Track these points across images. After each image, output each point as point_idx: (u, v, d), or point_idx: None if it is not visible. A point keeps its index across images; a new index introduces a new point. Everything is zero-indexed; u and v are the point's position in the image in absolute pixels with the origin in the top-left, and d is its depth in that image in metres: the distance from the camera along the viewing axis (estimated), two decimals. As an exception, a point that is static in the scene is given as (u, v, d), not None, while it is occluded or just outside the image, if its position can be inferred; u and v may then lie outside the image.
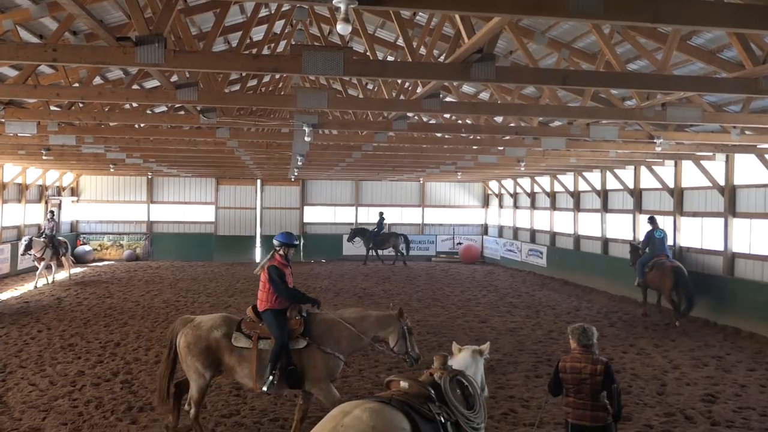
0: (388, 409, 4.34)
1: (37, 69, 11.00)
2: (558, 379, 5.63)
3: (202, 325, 7.52)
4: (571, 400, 5.53)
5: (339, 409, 4.42)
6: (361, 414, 4.21)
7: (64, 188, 27.92)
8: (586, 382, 5.41)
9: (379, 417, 4.23)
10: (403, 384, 4.89)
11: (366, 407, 4.29)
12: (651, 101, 10.01)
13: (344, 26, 4.49)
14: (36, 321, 14.40)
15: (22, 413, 8.32)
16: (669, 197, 18.41)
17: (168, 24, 6.43)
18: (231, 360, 7.37)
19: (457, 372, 5.13)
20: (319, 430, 4.25)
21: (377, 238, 27.72)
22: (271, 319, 7.42)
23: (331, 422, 4.22)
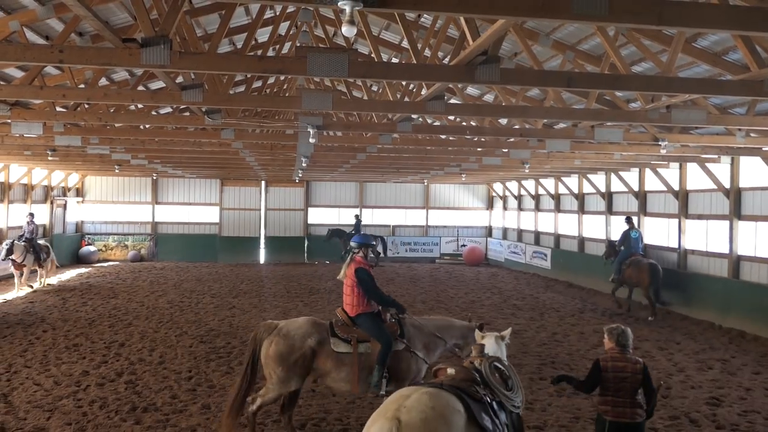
0: (443, 392, 4.73)
1: (43, 70, 11.05)
2: (596, 377, 5.76)
3: (293, 333, 7.27)
4: (611, 398, 5.70)
5: (398, 393, 4.77)
6: (420, 397, 4.58)
7: (69, 189, 28.02)
8: (626, 381, 5.63)
9: (437, 399, 4.61)
10: (450, 371, 5.33)
11: (424, 391, 4.69)
12: (656, 103, 10.01)
13: (349, 28, 4.51)
14: (41, 321, 14.45)
15: (26, 413, 8.34)
16: (674, 200, 18.37)
17: (174, 25, 6.46)
18: (327, 365, 7.26)
19: (494, 358, 5.56)
20: (382, 411, 4.56)
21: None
22: (369, 322, 7.42)
23: (393, 404, 4.55)
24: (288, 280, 23.01)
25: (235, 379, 7.48)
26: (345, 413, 8.57)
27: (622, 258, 17.11)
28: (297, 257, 29.92)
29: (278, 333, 7.29)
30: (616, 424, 5.65)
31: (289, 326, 7.37)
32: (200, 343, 12.56)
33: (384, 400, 4.80)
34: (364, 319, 7.42)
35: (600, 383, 5.75)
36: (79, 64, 6.85)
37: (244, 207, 30.36)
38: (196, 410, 8.58)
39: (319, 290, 20.35)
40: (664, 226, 19.13)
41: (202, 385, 9.71)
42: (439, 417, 4.48)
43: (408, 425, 4.37)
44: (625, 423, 5.63)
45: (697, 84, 8.89)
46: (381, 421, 4.46)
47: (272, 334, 7.29)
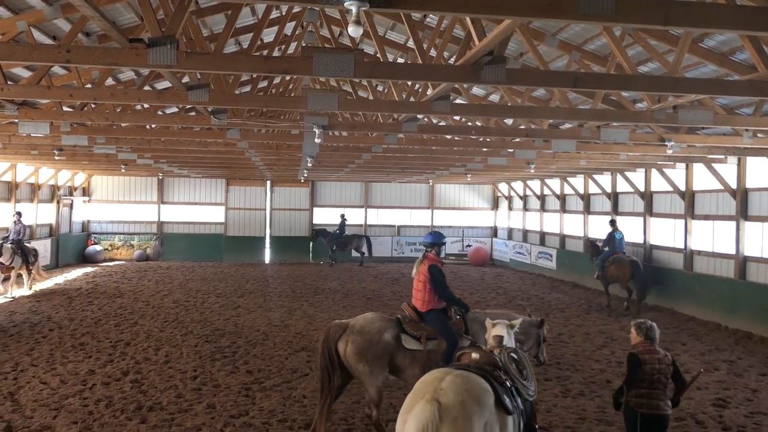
0: (473, 375, 5.07)
1: (51, 70, 11.10)
2: (637, 371, 5.84)
3: (368, 329, 7.39)
4: (646, 391, 5.83)
5: (432, 375, 5.07)
6: (454, 379, 4.89)
7: (75, 188, 28.11)
8: (661, 374, 5.84)
9: (469, 381, 4.95)
10: (474, 355, 5.65)
11: (456, 374, 5.01)
12: (662, 104, 9.97)
13: (355, 28, 4.51)
14: (47, 320, 14.51)
15: (33, 411, 8.38)
16: (680, 200, 18.30)
17: (180, 26, 6.47)
18: (402, 361, 7.42)
19: (511, 349, 5.91)
20: (420, 393, 4.83)
21: (340, 240, 27.87)
22: (438, 319, 7.56)
23: (430, 387, 4.84)
24: (293, 279, 23.03)
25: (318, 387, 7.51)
26: (350, 413, 8.58)
27: (606, 256, 18.34)
28: (302, 257, 29.94)
29: (352, 331, 7.38)
30: (649, 416, 5.79)
31: (361, 323, 7.49)
32: (205, 342, 12.59)
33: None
34: (434, 315, 7.59)
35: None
36: (86, 64, 6.87)
37: (250, 207, 30.40)
38: (201, 409, 8.60)
39: (324, 290, 20.37)
40: (671, 227, 19.06)
41: (207, 385, 9.74)
42: (474, 398, 4.80)
43: (447, 406, 4.64)
44: (657, 415, 5.81)
45: (704, 84, 8.85)
46: (421, 403, 4.69)
47: (345, 334, 7.38)
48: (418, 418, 4.63)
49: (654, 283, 18.06)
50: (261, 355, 11.62)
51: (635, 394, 5.88)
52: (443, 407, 4.65)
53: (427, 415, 4.60)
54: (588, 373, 10.75)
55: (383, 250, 30.50)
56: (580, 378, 10.43)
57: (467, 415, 4.67)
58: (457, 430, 4.60)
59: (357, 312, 16.23)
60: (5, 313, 15.28)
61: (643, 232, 20.14)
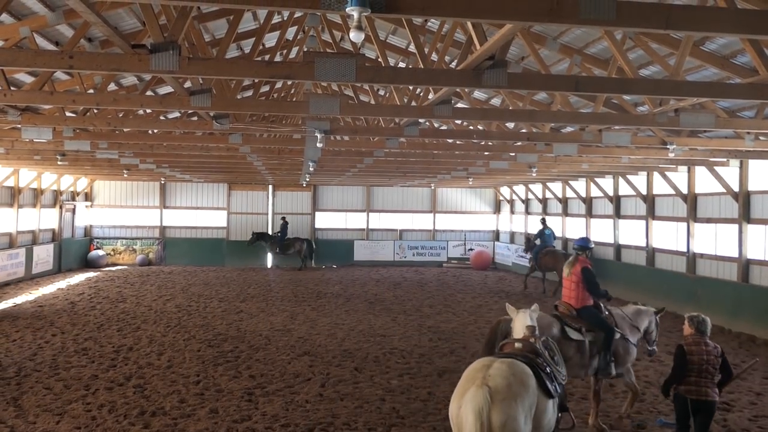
0: (516, 362, 5.60)
1: (53, 75, 11.13)
2: (684, 362, 6.36)
3: (538, 323, 7.72)
4: (694, 379, 6.36)
5: (480, 363, 5.59)
6: (500, 366, 5.45)
7: (78, 193, 28.16)
8: (709, 364, 6.35)
9: (514, 367, 5.49)
10: (517, 345, 6.22)
11: (501, 361, 5.55)
12: (664, 107, 9.98)
13: (357, 34, 4.52)
14: (50, 325, 14.52)
15: (36, 417, 8.38)
16: (682, 203, 18.29)
17: (182, 31, 6.49)
18: (568, 351, 7.98)
19: (545, 338, 6.49)
20: (470, 380, 5.38)
21: (282, 243, 27.81)
22: (592, 315, 8.33)
23: (479, 374, 5.40)
24: (295, 284, 23.04)
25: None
26: (353, 417, 8.57)
27: (539, 249, 21.78)
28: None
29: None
30: (697, 402, 6.33)
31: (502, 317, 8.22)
32: (208, 347, 12.59)
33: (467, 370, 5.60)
34: (588, 311, 8.35)
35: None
36: (89, 69, 6.91)
37: (252, 211, 30.42)
38: (204, 414, 8.60)
39: (326, 294, 20.36)
40: (673, 230, 19.04)
41: (210, 389, 9.73)
42: (519, 382, 5.37)
43: (497, 390, 5.20)
44: (704, 401, 6.35)
45: (706, 87, 8.86)
46: (473, 388, 5.25)
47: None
48: (472, 402, 5.17)
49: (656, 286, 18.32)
50: (263, 360, 11.62)
51: (684, 382, 6.39)
52: (493, 390, 5.19)
53: (480, 398, 5.14)
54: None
55: (385, 254, 30.49)
56: (583, 381, 10.39)
57: (514, 396, 5.23)
58: (506, 410, 5.16)
59: (359, 316, 16.25)
60: (8, 318, 15.30)
61: (646, 235, 20.11)
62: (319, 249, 30.17)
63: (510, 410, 5.17)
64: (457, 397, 5.38)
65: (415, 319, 16.00)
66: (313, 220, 30.77)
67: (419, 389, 9.95)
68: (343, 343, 13.19)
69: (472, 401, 5.17)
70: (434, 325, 15.24)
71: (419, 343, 13.26)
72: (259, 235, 28.22)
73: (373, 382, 10.34)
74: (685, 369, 6.36)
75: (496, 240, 31.78)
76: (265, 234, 28.40)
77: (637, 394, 8.79)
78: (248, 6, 7.49)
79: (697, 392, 6.34)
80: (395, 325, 15.16)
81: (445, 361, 11.76)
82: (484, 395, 5.15)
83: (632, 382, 8.66)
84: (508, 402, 5.19)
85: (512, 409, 5.19)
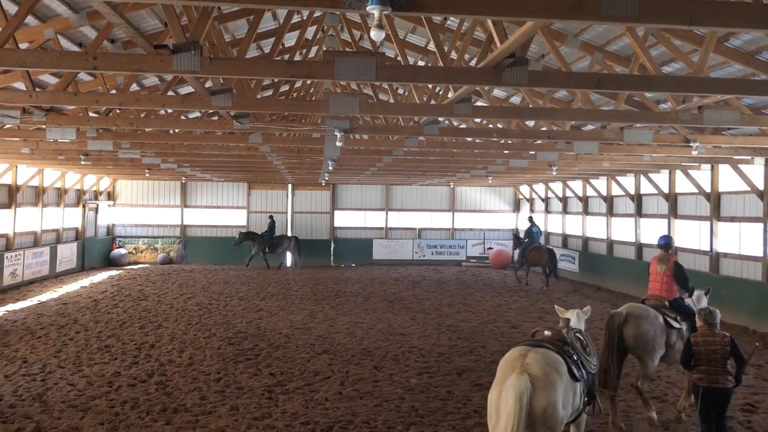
0: (549, 351, 6.04)
1: (77, 76, 11.28)
2: (689, 352, 6.95)
3: (645, 314, 8.63)
4: (704, 368, 6.81)
5: (516, 353, 6.00)
6: (535, 355, 5.90)
7: (101, 192, 28.53)
8: (717, 353, 6.76)
9: (547, 356, 5.95)
10: (546, 333, 6.58)
11: (535, 350, 5.99)
12: (687, 104, 9.85)
13: (378, 33, 4.53)
14: (74, 322, 14.74)
15: (61, 412, 8.52)
16: (705, 202, 18.04)
17: (204, 31, 6.55)
18: (671, 339, 8.68)
19: (576, 330, 6.79)
20: (510, 367, 5.80)
21: (271, 242, 27.62)
22: (683, 305, 9.06)
23: (517, 362, 5.82)
24: (314, 282, 23.12)
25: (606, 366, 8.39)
26: (372, 416, 8.59)
27: (526, 246, 23.78)
28: (323, 260, 30.04)
29: (632, 317, 8.59)
30: (710, 389, 6.72)
31: (638, 311, 8.67)
32: (228, 345, 12.69)
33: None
34: (679, 302, 9.08)
35: (693, 356, 6.88)
36: (112, 70, 7.00)
37: (271, 210, 30.59)
38: (225, 411, 8.67)
39: (346, 293, 20.41)
40: (696, 229, 18.79)
41: (231, 387, 9.81)
42: (554, 369, 5.85)
43: (536, 377, 5.67)
44: (717, 388, 6.70)
45: (730, 84, 8.74)
46: (513, 375, 5.68)
47: (629, 321, 8.55)
48: (513, 387, 5.56)
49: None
50: (283, 358, 11.68)
51: (697, 371, 6.88)
52: (533, 377, 5.65)
53: (521, 384, 5.55)
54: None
55: (404, 253, 30.48)
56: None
57: (552, 382, 5.73)
58: (547, 396, 5.64)
59: (379, 315, 16.27)
60: (33, 315, 15.56)
61: (668, 234, 19.86)
62: (338, 248, 30.24)
63: (550, 397, 5.66)
64: (498, 383, 5.78)
65: (434, 317, 15.99)
66: (332, 219, 30.85)
67: (438, 388, 9.94)
68: (363, 341, 13.22)
69: (513, 386, 5.56)
70: (453, 324, 15.21)
71: (438, 342, 13.24)
72: (247, 234, 27.83)
73: (392, 380, 10.35)
74: (690, 357, 6.95)
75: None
76: (253, 233, 28.04)
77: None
78: (269, 6, 7.53)
79: (708, 380, 6.75)
80: (414, 324, 15.16)
81: (464, 360, 11.73)
82: (525, 381, 5.57)
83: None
84: (548, 389, 5.67)
85: (552, 396, 5.68)
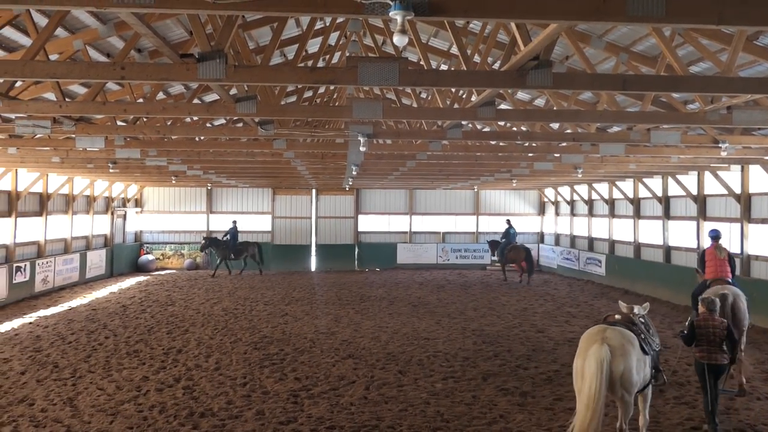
0: (623, 328, 7.29)
1: (105, 86, 11.48)
2: (692, 333, 8.17)
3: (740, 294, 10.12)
4: (705, 347, 8.10)
5: (595, 329, 7.29)
6: (612, 330, 7.15)
7: (128, 200, 28.98)
8: (715, 335, 8.05)
9: (623, 332, 7.19)
10: (617, 316, 7.78)
11: (613, 328, 7.24)
12: (715, 104, 9.68)
13: (401, 38, 4.53)
14: (103, 327, 14.97)
15: (91, 417, 8.65)
16: (735, 203, 17.70)
17: (229, 40, 6.62)
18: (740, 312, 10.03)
19: (641, 315, 7.88)
20: (592, 339, 7.03)
21: (235, 248, 26.99)
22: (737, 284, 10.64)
23: (598, 336, 7.05)
24: (339, 287, 23.17)
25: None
26: (397, 420, 8.57)
27: (504, 246, 25.78)
28: (347, 265, 30.11)
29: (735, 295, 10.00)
30: (710, 365, 8.05)
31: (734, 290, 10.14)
32: (254, 349, 12.78)
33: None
34: (736, 282, 10.83)
35: (696, 337, 8.14)
36: (140, 79, 7.11)
37: (296, 215, 30.76)
38: (251, 416, 8.72)
39: (370, 297, 20.42)
40: (726, 231, 18.43)
41: (257, 392, 9.87)
42: (629, 341, 7.05)
43: (614, 347, 6.89)
44: (715, 364, 8.06)
45: (760, 84, 8.55)
46: (596, 344, 6.89)
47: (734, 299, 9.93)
48: (595, 354, 6.78)
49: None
50: (308, 363, 11.72)
51: (698, 350, 8.14)
52: (612, 347, 6.85)
53: (603, 352, 6.77)
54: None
55: (428, 257, 30.40)
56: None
57: (627, 351, 6.92)
58: (624, 360, 6.85)
59: (403, 319, 16.24)
60: (64, 321, 15.83)
61: (697, 236, 19.53)
62: (362, 252, 30.27)
63: (627, 363, 6.86)
64: (581, 353, 7.02)
65: (459, 322, 15.91)
66: (356, 224, 30.91)
67: (464, 393, 9.88)
68: (387, 346, 13.21)
69: (595, 354, 6.76)
70: (478, 328, 15.12)
71: (463, 347, 13.17)
72: (211, 240, 27.34)
73: (417, 385, 10.32)
74: (693, 336, 8.17)
75: (541, 242, 31.36)
76: (217, 239, 27.51)
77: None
78: (293, 13, 7.58)
79: (708, 357, 8.07)
80: (439, 328, 15.10)
81: (490, 365, 11.65)
82: (605, 350, 6.79)
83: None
84: (625, 357, 6.86)
85: (628, 362, 6.88)
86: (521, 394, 9.84)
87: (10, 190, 19.53)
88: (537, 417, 8.77)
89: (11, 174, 19.37)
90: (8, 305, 18.24)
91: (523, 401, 9.49)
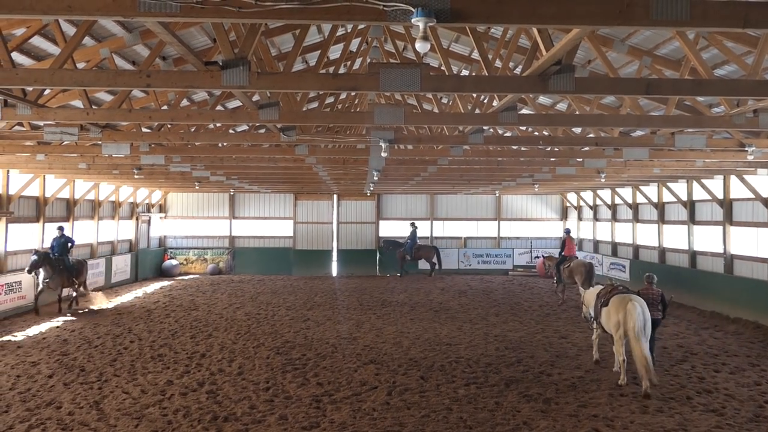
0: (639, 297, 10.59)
1: (130, 93, 11.67)
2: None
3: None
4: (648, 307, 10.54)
5: (620, 298, 10.55)
6: (635, 296, 10.57)
7: (153, 205, 29.36)
8: (653, 299, 11.10)
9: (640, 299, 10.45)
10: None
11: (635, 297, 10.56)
12: (741, 108, 9.55)
13: (423, 44, 4.54)
14: (128, 332, 15.16)
15: (116, 420, 8.77)
16: (763, 208, 17.40)
17: (252, 47, 6.69)
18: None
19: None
20: (624, 301, 10.39)
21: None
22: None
23: (628, 298, 10.46)
24: (360, 292, 23.21)
25: None
26: (420, 426, 8.56)
27: (411, 245, 28.14)
28: (369, 270, 30.14)
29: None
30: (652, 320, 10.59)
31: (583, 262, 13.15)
32: (277, 354, 12.85)
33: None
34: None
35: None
36: (165, 87, 7.20)
37: (317, 221, 30.89)
38: (273, 421, 8.77)
39: (392, 303, 20.42)
40: (753, 236, 18.14)
41: (279, 396, 9.93)
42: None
43: (641, 302, 10.29)
44: (654, 318, 10.72)
45: (787, 86, 8.42)
46: (628, 303, 10.25)
47: None
48: (634, 303, 10.20)
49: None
50: (330, 368, 11.76)
51: None
52: (638, 304, 10.18)
53: (638, 305, 10.16)
54: (666, 389, 10.34)
55: (450, 263, 30.30)
56: (658, 393, 10.04)
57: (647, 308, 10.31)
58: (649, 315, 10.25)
59: (425, 325, 16.21)
60: (90, 325, 16.07)
61: (723, 241, 19.22)
62: (384, 257, 30.30)
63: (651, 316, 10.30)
64: (619, 309, 10.29)
65: (481, 327, 15.84)
66: (377, 229, 30.95)
67: (486, 399, 9.84)
68: (409, 351, 13.19)
69: (635, 303, 10.21)
70: (500, 334, 15.04)
71: (485, 352, 13.11)
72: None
73: (439, 391, 10.29)
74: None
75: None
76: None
77: None
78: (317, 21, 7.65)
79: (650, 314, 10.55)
80: (461, 334, 15.05)
81: (512, 371, 11.58)
82: (641, 303, 10.23)
83: None
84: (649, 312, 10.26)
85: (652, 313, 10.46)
86: (545, 400, 9.76)
87: (38, 196, 19.91)
88: (561, 424, 8.69)
89: (39, 180, 19.74)
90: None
91: (547, 408, 9.42)
